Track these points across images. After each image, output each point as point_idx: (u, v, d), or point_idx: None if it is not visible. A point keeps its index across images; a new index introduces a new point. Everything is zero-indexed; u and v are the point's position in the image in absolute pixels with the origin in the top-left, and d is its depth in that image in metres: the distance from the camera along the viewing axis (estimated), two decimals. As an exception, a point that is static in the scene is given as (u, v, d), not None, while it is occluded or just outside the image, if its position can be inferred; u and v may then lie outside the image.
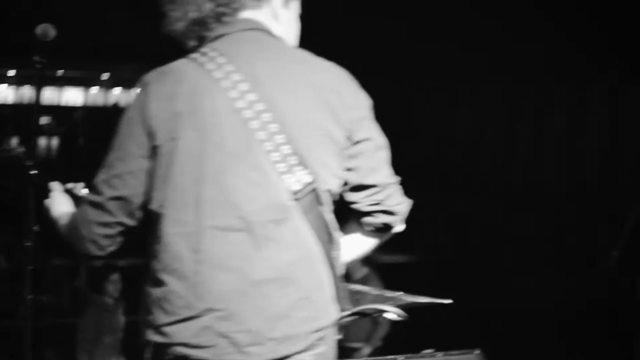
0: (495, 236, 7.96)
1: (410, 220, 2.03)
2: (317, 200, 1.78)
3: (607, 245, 4.19)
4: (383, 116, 1.96)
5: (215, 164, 1.74)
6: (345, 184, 1.89)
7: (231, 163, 1.74)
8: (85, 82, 15.04)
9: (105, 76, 14.20)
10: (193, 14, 1.86)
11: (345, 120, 1.82)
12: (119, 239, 1.90)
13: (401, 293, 2.15)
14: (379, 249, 2.03)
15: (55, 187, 2.17)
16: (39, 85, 2.47)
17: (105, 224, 1.85)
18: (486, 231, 8.27)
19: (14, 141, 17.05)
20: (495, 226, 8.07)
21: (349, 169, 1.86)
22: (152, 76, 1.84)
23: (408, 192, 2.02)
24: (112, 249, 1.91)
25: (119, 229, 1.87)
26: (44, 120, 17.63)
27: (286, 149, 1.75)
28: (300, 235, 1.76)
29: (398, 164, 1.96)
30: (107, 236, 1.88)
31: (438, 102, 9.51)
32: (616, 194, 7.07)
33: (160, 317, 1.73)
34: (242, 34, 1.87)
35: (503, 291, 6.93)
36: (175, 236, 1.74)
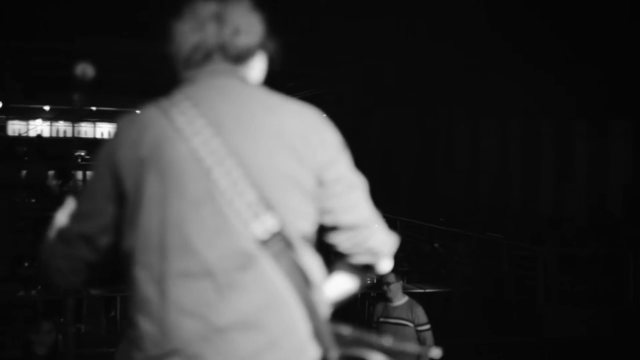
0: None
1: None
2: (288, 245, 1.78)
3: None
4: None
5: (177, 211, 1.77)
6: (324, 226, 1.86)
7: (192, 211, 1.77)
8: (117, 117, 15.31)
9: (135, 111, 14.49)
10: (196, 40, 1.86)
11: (312, 163, 1.81)
12: (85, 273, 1.90)
13: (390, 339, 2.11)
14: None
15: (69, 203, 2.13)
16: (76, 121, 2.56)
17: (70, 257, 1.88)
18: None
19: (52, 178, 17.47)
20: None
21: (323, 211, 1.84)
22: (123, 122, 1.87)
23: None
24: (78, 281, 1.93)
25: (83, 263, 1.88)
26: (80, 152, 18.02)
27: (251, 195, 1.77)
28: (267, 281, 1.76)
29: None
30: (71, 268, 1.89)
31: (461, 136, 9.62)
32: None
33: (136, 354, 1.76)
34: (210, 79, 1.89)
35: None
36: (144, 279, 1.77)
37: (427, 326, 4.65)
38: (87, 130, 22.00)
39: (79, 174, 16.02)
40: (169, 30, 1.85)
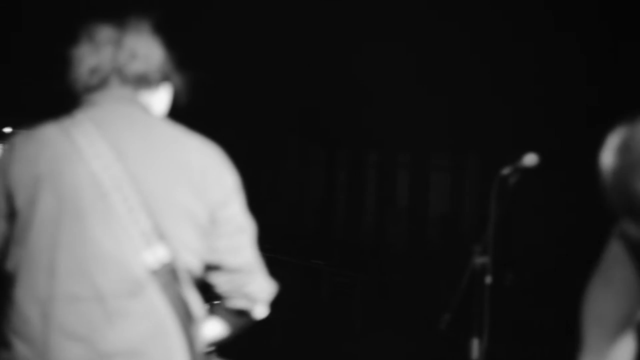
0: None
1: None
2: (175, 278, 1.78)
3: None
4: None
5: (71, 233, 1.74)
6: (207, 264, 1.88)
7: (87, 233, 1.74)
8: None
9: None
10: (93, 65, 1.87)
11: (208, 199, 1.83)
12: None
13: None
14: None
15: None
16: None
17: None
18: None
19: None
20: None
21: (209, 250, 1.86)
22: (19, 138, 1.83)
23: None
24: None
25: None
26: None
27: (146, 224, 1.75)
28: (154, 310, 1.77)
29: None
30: None
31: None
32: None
33: None
34: (112, 104, 1.87)
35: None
36: (26, 300, 1.73)
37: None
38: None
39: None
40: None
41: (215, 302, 1.95)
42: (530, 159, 3.32)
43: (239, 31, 7.37)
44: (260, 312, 1.98)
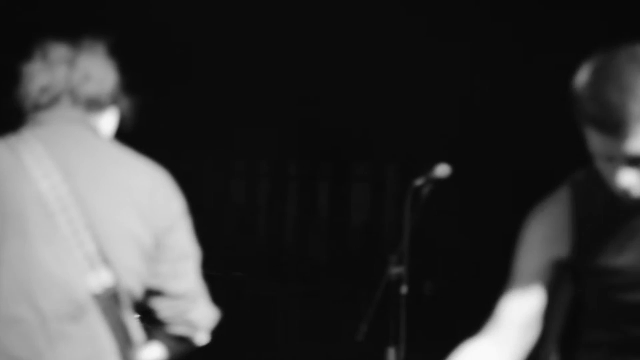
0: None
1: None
2: (117, 302, 1.77)
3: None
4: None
5: (14, 252, 1.71)
6: (149, 289, 1.88)
7: (31, 254, 1.71)
8: None
9: None
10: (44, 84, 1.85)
11: (154, 225, 1.83)
12: None
13: None
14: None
15: None
16: None
17: None
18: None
19: None
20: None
21: (152, 274, 1.86)
22: None
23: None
24: None
25: None
26: None
27: (91, 247, 1.73)
28: (95, 334, 1.76)
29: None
30: None
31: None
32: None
33: None
34: (61, 124, 1.84)
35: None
36: None
37: None
38: None
39: None
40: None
41: (156, 326, 1.94)
42: (442, 170, 3.37)
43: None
44: (202, 339, 1.98)
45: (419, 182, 3.42)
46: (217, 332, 2.15)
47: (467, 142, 7.14)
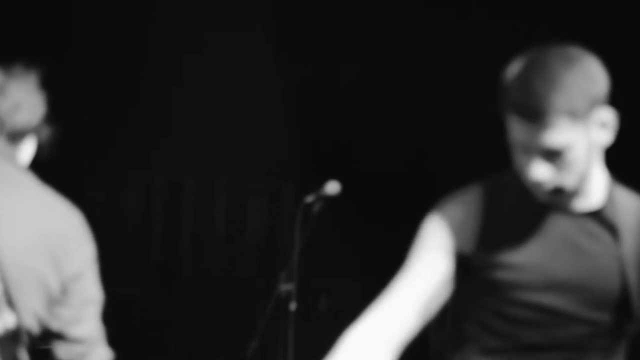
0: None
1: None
2: (14, 340, 1.77)
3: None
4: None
5: None
6: (49, 331, 1.90)
7: None
8: None
9: None
10: None
11: (64, 271, 1.84)
12: None
13: None
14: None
15: None
16: None
17: None
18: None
19: None
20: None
21: (53, 317, 1.88)
22: None
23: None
24: None
25: None
26: None
27: None
28: None
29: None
30: None
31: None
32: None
33: None
34: None
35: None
36: None
37: None
38: None
39: None
40: None
41: None
42: (332, 187, 3.42)
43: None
44: None
45: (309, 199, 3.46)
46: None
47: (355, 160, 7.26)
